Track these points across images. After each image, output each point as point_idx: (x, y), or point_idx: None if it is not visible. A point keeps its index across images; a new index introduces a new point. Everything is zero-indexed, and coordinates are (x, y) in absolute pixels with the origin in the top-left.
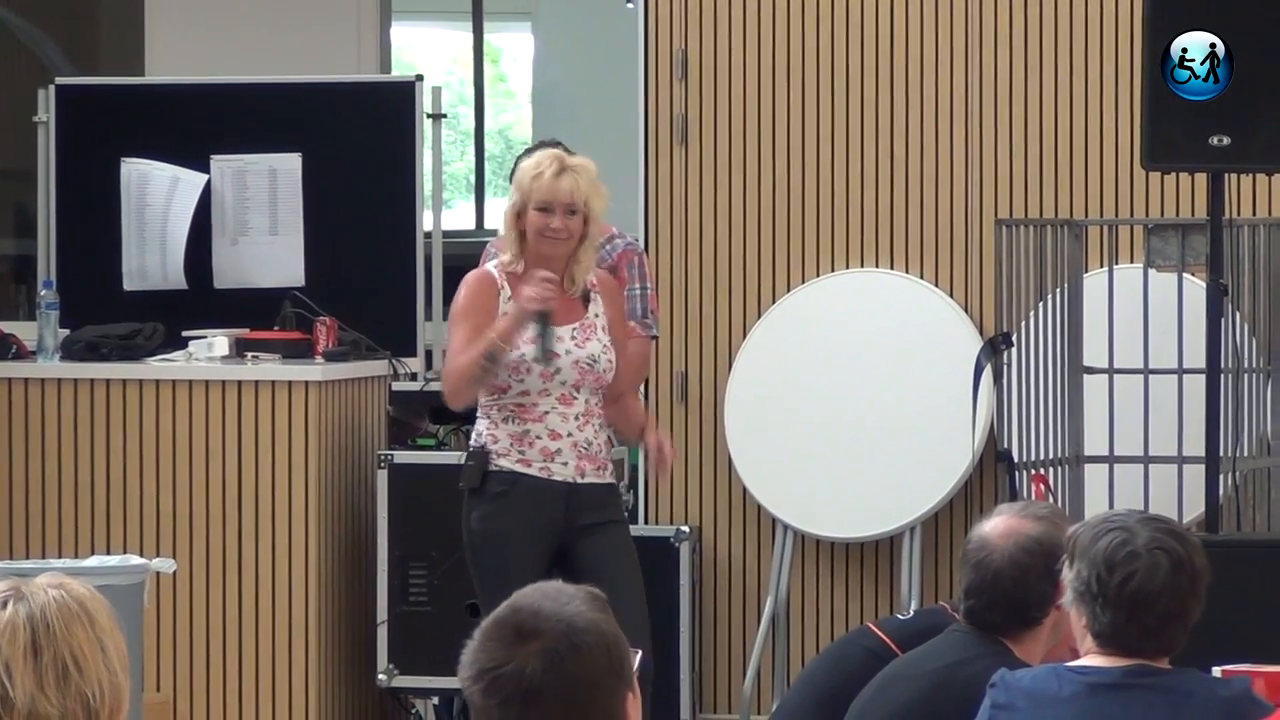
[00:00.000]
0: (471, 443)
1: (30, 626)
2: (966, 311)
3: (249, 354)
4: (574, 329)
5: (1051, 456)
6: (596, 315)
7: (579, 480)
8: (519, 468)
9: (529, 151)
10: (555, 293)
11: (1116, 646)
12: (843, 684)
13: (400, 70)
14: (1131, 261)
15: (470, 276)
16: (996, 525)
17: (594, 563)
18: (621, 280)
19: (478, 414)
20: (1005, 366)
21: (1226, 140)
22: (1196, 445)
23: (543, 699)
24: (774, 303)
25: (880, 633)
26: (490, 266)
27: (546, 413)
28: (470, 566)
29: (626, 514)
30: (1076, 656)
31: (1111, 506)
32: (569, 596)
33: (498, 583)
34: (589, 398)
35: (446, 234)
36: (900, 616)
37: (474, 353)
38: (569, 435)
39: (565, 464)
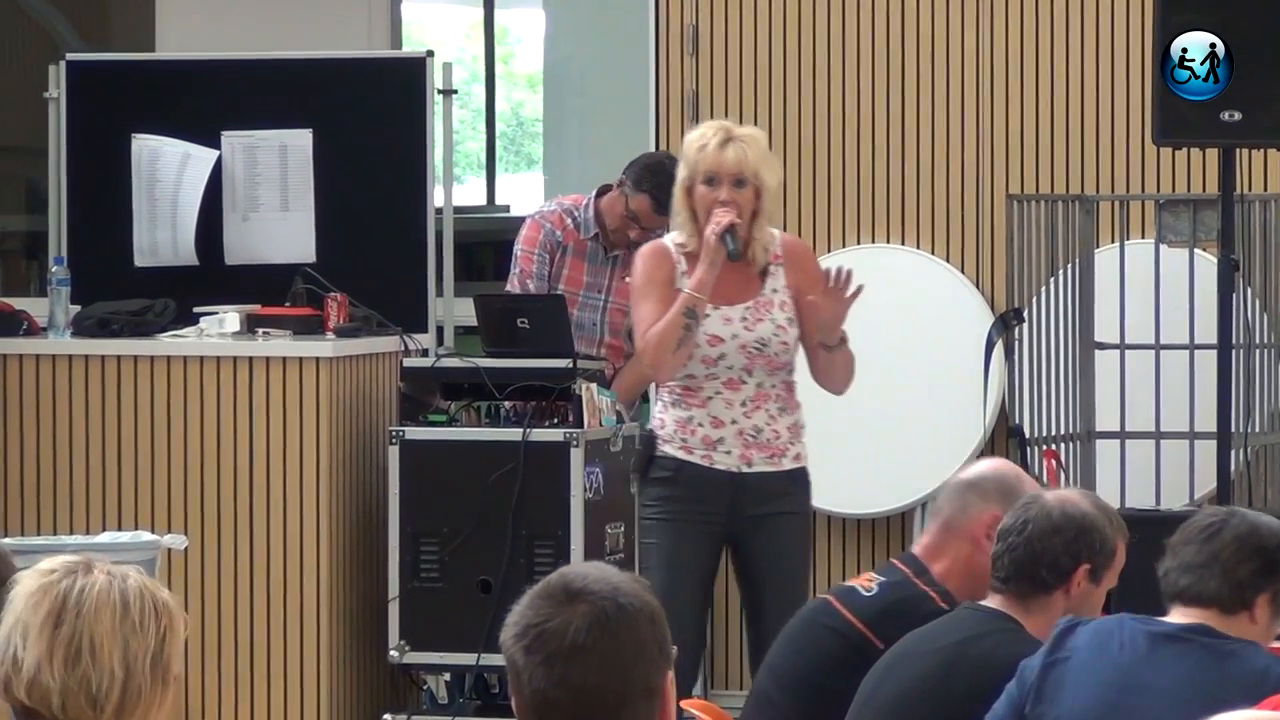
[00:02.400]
0: (647, 425)
1: (61, 599)
2: (978, 287)
3: (260, 330)
4: (746, 309)
5: (1063, 432)
6: (775, 291)
7: (745, 469)
8: (681, 454)
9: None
10: (733, 212)
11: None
12: (811, 669)
13: (411, 46)
14: (1143, 237)
15: (645, 248)
16: (1056, 491)
17: (761, 559)
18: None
19: (655, 396)
20: (1016, 342)
21: (1238, 115)
22: (1208, 421)
23: (585, 657)
24: None
25: (843, 609)
26: (667, 240)
27: (710, 397)
28: (638, 551)
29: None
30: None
31: (1123, 482)
32: (616, 571)
33: (661, 571)
34: (762, 380)
35: (458, 210)
36: (863, 591)
37: (671, 314)
38: (733, 422)
39: (729, 452)
